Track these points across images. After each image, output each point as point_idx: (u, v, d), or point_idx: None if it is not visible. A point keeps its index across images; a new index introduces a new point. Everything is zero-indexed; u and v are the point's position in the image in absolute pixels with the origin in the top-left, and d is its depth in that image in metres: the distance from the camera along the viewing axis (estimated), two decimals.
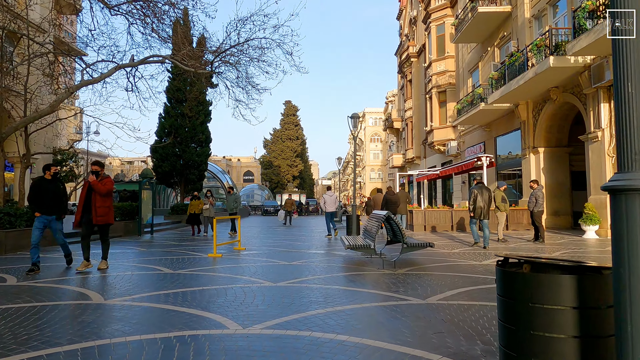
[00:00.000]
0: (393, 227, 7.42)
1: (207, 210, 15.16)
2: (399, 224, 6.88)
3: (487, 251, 9.78)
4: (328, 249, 10.63)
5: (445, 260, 8.06)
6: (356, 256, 8.73)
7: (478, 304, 4.57)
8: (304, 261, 8.20)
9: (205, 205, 15.23)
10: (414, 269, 7.04)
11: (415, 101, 37.30)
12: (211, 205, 15.16)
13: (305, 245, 11.59)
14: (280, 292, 5.28)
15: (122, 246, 11.48)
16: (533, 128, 17.97)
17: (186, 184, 23.60)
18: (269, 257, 8.84)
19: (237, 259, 8.71)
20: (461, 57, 26.78)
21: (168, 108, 23.33)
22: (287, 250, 10.18)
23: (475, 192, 10.94)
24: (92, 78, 11.90)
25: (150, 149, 23.33)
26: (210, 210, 15.09)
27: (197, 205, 15.31)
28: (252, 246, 11.29)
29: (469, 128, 25.14)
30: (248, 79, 13.38)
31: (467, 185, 26.32)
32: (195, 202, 15.37)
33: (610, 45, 1.97)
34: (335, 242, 12.51)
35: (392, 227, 7.51)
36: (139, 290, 5.51)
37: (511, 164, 20.52)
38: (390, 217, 6.87)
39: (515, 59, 16.31)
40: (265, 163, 75.82)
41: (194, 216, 15.24)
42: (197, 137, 23.31)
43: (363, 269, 7.06)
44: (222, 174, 35.04)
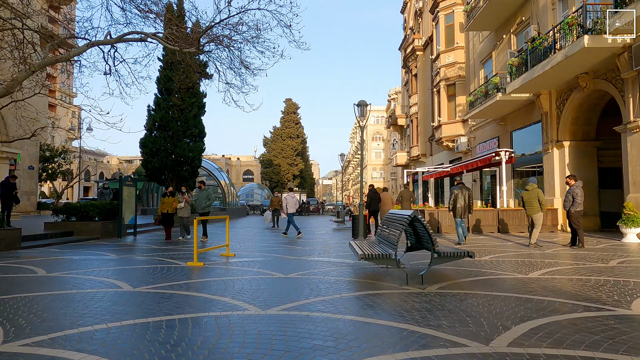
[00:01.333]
0: (419, 230, 5.79)
1: (182, 209, 12.82)
2: (428, 227, 5.25)
3: (521, 258, 8.14)
4: (332, 255, 9.00)
5: (481, 272, 6.44)
6: (368, 265, 7.12)
7: (579, 357, 2.94)
8: (304, 273, 6.57)
9: (180, 204, 12.87)
10: (447, 285, 5.42)
11: (420, 96, 35.69)
12: (187, 203, 12.90)
13: (305, 250, 9.96)
14: (269, 328, 3.66)
15: (93, 250, 9.86)
16: (557, 120, 16.33)
17: (178, 181, 21.95)
18: (262, 267, 7.22)
19: (222, 269, 7.08)
20: (472, 48, 25.14)
21: (159, 99, 21.70)
22: (284, 257, 8.55)
23: (456, 192, 11.45)
24: (57, 56, 10.28)
25: (139, 143, 21.72)
26: (186, 210, 12.82)
27: (170, 203, 12.98)
28: (244, 251, 9.66)
29: (481, 122, 23.50)
30: (241, 60, 11.75)
31: (478, 184, 24.72)
32: (168, 200, 13.04)
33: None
34: (338, 245, 10.90)
35: (417, 231, 5.89)
36: (64, 322, 3.89)
37: (530, 160, 18.88)
38: (418, 219, 5.24)
39: (539, 42, 14.68)
40: (265, 162, 74.21)
41: (167, 216, 13.02)
42: (190, 131, 21.65)
43: (381, 285, 5.44)
44: (219, 172, 33.37)
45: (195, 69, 15.40)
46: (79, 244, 11.41)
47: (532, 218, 10.53)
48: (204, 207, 12.81)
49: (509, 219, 15.70)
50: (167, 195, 13.32)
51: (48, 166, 31.46)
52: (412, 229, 6.21)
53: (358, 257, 5.38)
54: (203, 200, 12.80)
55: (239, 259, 8.22)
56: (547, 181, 16.78)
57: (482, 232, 15.46)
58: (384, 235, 6.53)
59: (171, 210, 13.00)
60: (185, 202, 12.87)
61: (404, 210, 6.47)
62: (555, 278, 5.98)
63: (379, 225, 6.76)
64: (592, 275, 6.24)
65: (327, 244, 11.58)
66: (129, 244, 11.70)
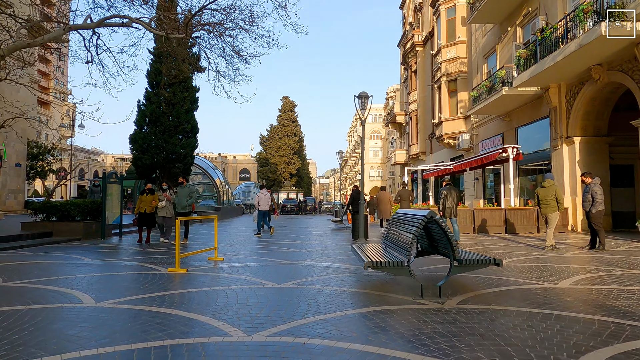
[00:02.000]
0: (434, 233, 4.96)
1: (164, 209, 11.36)
2: (447, 230, 4.42)
3: (546, 264, 7.32)
4: (331, 259, 8.16)
5: (503, 280, 5.61)
6: (373, 271, 6.28)
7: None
8: (300, 282, 5.72)
9: (161, 202, 11.37)
10: (469, 298, 4.59)
11: (420, 93, 34.91)
12: (169, 202, 11.45)
13: (302, 254, 9.11)
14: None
15: (68, 253, 8.98)
16: (566, 115, 15.54)
17: (170, 179, 21.04)
18: (253, 274, 6.36)
19: (207, 276, 6.22)
20: (474, 42, 24.35)
21: (149, 94, 20.78)
22: (279, 262, 7.70)
23: (445, 193, 11.71)
24: (29, 40, 9.38)
25: (129, 139, 20.79)
26: (168, 209, 11.40)
27: (149, 201, 11.50)
28: (235, 254, 8.81)
29: (484, 119, 22.72)
30: (233, 47, 10.89)
31: (481, 182, 23.95)
32: (147, 198, 11.56)
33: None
34: (337, 247, 10.07)
35: (432, 233, 5.06)
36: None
37: (536, 157, 18.10)
38: (435, 220, 4.41)
39: (549, 33, 13.88)
40: (262, 160, 73.27)
41: (146, 217, 11.49)
42: (182, 126, 20.73)
43: (391, 299, 4.60)
44: (214, 170, 32.42)
45: (186, 59, 14.51)
46: (56, 246, 10.52)
47: (546, 217, 9.71)
48: (184, 206, 11.41)
49: (516, 219, 14.91)
50: (145, 192, 11.74)
51: (36, 164, 30.50)
52: (426, 231, 5.38)
53: (364, 265, 4.53)
54: (184, 198, 11.43)
55: (228, 264, 7.36)
56: (556, 179, 15.97)
57: (488, 233, 14.66)
58: (391, 238, 5.70)
59: (150, 209, 11.52)
60: (166, 200, 11.44)
61: (416, 210, 5.65)
62: (591, 289, 5.16)
63: (384, 226, 5.89)
64: (633, 285, 5.42)
65: (325, 246, 10.74)
66: (111, 245, 10.82)
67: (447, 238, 4.54)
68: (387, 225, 6.20)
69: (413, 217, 4.82)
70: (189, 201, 11.49)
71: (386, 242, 6.08)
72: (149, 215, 11.57)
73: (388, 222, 6.22)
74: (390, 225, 6.01)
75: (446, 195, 11.63)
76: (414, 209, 17.38)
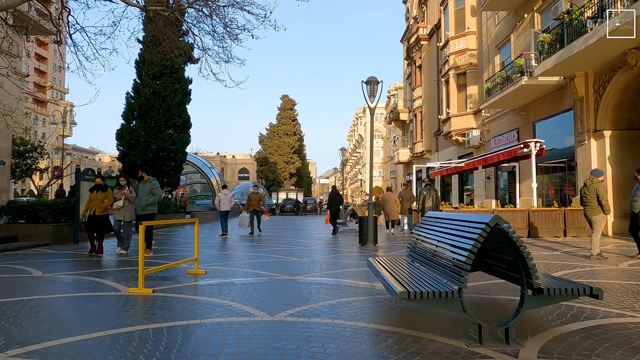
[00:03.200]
0: (490, 246, 3.49)
1: (120, 210, 8.83)
2: (520, 243, 2.94)
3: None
4: (338, 271, 6.67)
5: (581, 308, 4.13)
6: None
7: None
8: (300, 311, 4.23)
9: (117, 202, 8.78)
10: (550, 344, 3.11)
11: (425, 89, 33.46)
12: (127, 200, 8.86)
13: (302, 264, 7.62)
14: None
15: (20, 262, 7.47)
16: (595, 106, 14.06)
17: (160, 177, 19.56)
18: (238, 297, 4.87)
19: (177, 301, 4.73)
20: (485, 32, 22.86)
21: (138, 85, 19.29)
22: (273, 277, 6.21)
23: (424, 194, 12.16)
24: None
25: (115, 134, 19.30)
26: (126, 211, 8.85)
27: (100, 200, 8.83)
28: (221, 265, 7.32)
29: (497, 113, 21.24)
30: (223, 21, 9.38)
31: (492, 181, 22.48)
32: (98, 196, 8.86)
33: None
34: (343, 255, 8.59)
35: (486, 246, 3.58)
36: None
37: (556, 154, 16.61)
38: (504, 230, 2.93)
39: (578, 14, 12.40)
40: (261, 159, 71.84)
41: (96, 220, 8.84)
42: (173, 120, 19.23)
43: (432, 345, 3.12)
44: (210, 169, 30.88)
45: (175, 42, 12.99)
46: (16, 254, 9.02)
47: (590, 220, 8.23)
48: (145, 207, 8.60)
49: (540, 222, 13.43)
50: (96, 189, 8.99)
51: (22, 162, 29.03)
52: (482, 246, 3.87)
53: (397, 298, 3.03)
54: (144, 196, 8.59)
55: (210, 280, 5.86)
56: (582, 177, 14.49)
57: None
58: (423, 251, 4.21)
59: (99, 210, 8.82)
60: (124, 199, 8.85)
61: (459, 213, 4.18)
62: None
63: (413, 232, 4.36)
64: None
65: (329, 253, 9.25)
66: (80, 253, 9.30)
67: (518, 255, 3.05)
68: (415, 232, 4.72)
69: (463, 225, 3.33)
70: (151, 200, 8.58)
71: (414, 254, 4.59)
72: (100, 219, 8.88)
73: (416, 229, 4.74)
74: (420, 232, 4.52)
75: (426, 195, 12.16)
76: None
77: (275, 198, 56.60)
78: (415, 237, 4.70)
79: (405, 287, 3.14)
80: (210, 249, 10.11)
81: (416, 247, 4.60)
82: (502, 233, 3.05)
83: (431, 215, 4.52)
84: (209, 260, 8.00)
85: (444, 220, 3.96)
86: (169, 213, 18.62)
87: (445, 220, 3.93)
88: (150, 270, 5.49)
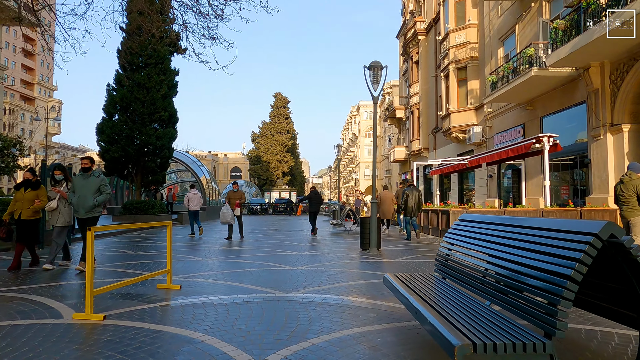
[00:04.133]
0: (606, 270, 2.37)
1: (54, 212, 6.99)
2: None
3: None
4: (342, 285, 5.56)
5: None
6: (421, 326, 3.66)
7: None
8: (297, 351, 3.10)
9: (51, 203, 6.98)
10: None
11: (423, 85, 32.47)
12: (63, 199, 7.04)
13: (297, 275, 6.48)
14: None
15: None
16: (611, 99, 13.07)
17: (144, 174, 18.31)
18: (216, 325, 3.73)
19: (133, 333, 3.57)
20: (488, 24, 21.86)
21: (120, 76, 18.00)
22: (263, 293, 5.07)
23: (407, 193, 12.66)
24: None
25: (96, 129, 17.99)
26: (62, 214, 6.99)
27: (29, 201, 7.01)
28: (200, 276, 6.17)
29: (500, 109, 20.25)
30: None
31: (494, 179, 21.50)
32: (27, 195, 7.02)
33: None
34: (345, 262, 7.47)
35: (593, 270, 2.43)
36: None
37: (567, 150, 15.62)
38: (622, 244, 1.78)
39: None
40: (253, 158, 70.49)
41: (24, 226, 6.99)
42: (158, 114, 17.95)
43: None
44: (199, 167, 29.54)
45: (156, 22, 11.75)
46: None
47: (629, 222, 7.20)
48: (90, 208, 6.70)
49: None
50: (23, 186, 7.14)
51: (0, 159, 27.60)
52: None
53: (455, 354, 1.90)
54: (90, 194, 6.70)
55: (182, 299, 4.70)
56: (597, 175, 13.55)
57: None
58: (466, 271, 3.10)
59: (28, 214, 6.97)
60: (59, 198, 7.06)
61: (536, 218, 3.08)
62: None
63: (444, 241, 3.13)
64: None
65: (328, 260, 8.12)
66: (43, 259, 8.10)
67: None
68: (447, 241, 3.62)
69: (541, 235, 2.21)
70: (100, 199, 6.76)
71: (445, 270, 3.48)
72: (29, 224, 7.01)
73: (448, 237, 3.63)
74: (455, 241, 3.42)
75: (408, 195, 12.64)
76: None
77: (268, 197, 55.36)
78: (446, 248, 3.60)
79: (465, 334, 2.01)
80: (191, 254, 8.95)
81: (449, 261, 3.49)
82: (614, 249, 1.94)
83: (470, 218, 3.41)
84: (187, 269, 6.84)
85: (495, 226, 2.85)
86: (154, 213, 17.38)
87: (496, 227, 2.82)
88: (108, 288, 4.33)
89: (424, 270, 6.71)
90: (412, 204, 12.37)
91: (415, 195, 12.58)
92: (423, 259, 8.04)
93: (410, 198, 12.45)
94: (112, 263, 7.59)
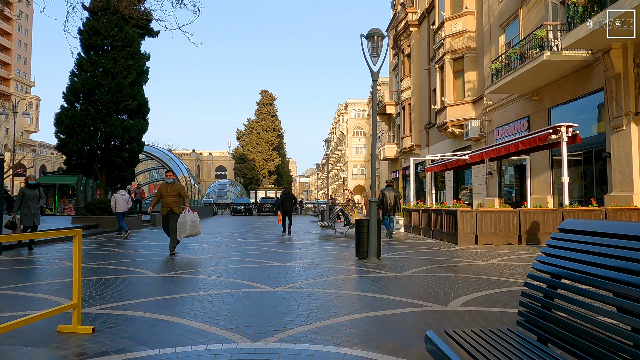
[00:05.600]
0: None
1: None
2: None
3: None
4: (343, 320, 3.81)
5: None
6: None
7: None
8: None
9: None
10: None
11: (415, 79, 30.95)
12: None
13: (280, 298, 4.72)
14: None
15: None
16: (635, 84, 11.60)
17: (109, 171, 16.31)
18: None
19: None
20: (487, 10, 20.37)
21: (82, 60, 15.96)
22: (218, 344, 3.27)
23: (384, 193, 13.12)
24: None
25: (54, 119, 15.92)
26: None
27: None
28: (131, 310, 4.36)
29: (501, 101, 18.77)
30: None
31: (494, 177, 20.01)
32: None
33: None
34: (340, 278, 5.75)
35: None
36: None
37: (580, 143, 14.14)
38: None
39: None
40: (239, 157, 68.31)
41: None
42: (125, 102, 15.94)
43: None
44: (179, 165, 27.37)
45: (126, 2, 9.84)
46: None
47: None
48: None
49: None
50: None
51: None
52: None
53: None
54: None
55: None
56: (618, 169, 12.07)
57: (540, 244, 10.57)
58: (598, 337, 1.36)
59: None
60: None
61: None
62: None
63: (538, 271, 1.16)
64: None
65: (319, 273, 6.36)
66: None
67: None
68: (541, 270, 1.83)
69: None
70: None
71: (548, 329, 1.76)
72: None
73: (545, 262, 1.87)
74: (564, 269, 1.67)
75: (385, 194, 13.03)
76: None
77: (253, 197, 53.34)
78: (546, 286, 1.86)
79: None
80: (141, 266, 7.11)
81: (553, 311, 1.75)
82: None
83: (589, 228, 1.67)
84: (122, 291, 5.01)
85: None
86: None
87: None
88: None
89: (449, 291, 4.98)
90: (388, 202, 12.95)
91: (392, 195, 13.12)
92: (437, 273, 6.35)
93: (386, 197, 12.97)
94: (18, 284, 5.74)
